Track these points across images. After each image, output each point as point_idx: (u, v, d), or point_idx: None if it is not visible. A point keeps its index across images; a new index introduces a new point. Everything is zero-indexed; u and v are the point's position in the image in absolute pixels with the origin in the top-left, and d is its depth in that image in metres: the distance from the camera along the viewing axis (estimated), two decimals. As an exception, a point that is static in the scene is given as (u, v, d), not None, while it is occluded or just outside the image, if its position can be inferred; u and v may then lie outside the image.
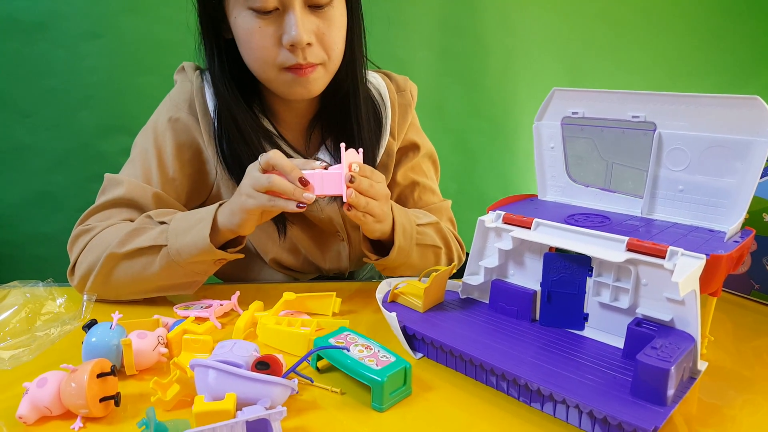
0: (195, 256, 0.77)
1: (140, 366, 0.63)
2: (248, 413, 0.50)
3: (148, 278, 0.79)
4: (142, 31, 1.44)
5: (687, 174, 0.65)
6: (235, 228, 0.77)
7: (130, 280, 0.80)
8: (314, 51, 0.81)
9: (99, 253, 0.79)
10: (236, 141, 0.87)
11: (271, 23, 0.79)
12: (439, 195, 1.09)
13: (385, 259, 0.86)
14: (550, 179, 0.78)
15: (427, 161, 1.09)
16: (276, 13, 0.79)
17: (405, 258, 0.88)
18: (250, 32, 0.79)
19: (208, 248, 0.76)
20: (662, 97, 0.64)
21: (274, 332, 0.70)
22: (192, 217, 0.79)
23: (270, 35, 0.79)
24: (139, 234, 0.79)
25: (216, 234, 0.78)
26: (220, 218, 0.78)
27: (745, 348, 0.74)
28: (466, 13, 1.73)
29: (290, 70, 0.82)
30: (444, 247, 0.97)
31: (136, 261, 0.79)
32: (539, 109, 0.75)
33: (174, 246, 0.77)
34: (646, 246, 0.58)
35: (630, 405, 0.51)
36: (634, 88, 0.67)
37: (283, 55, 0.80)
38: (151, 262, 0.78)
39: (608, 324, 0.64)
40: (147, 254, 0.78)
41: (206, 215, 0.78)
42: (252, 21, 0.79)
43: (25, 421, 0.54)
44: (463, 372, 0.64)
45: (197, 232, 0.77)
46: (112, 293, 0.81)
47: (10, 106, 1.42)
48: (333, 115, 0.94)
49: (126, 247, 0.78)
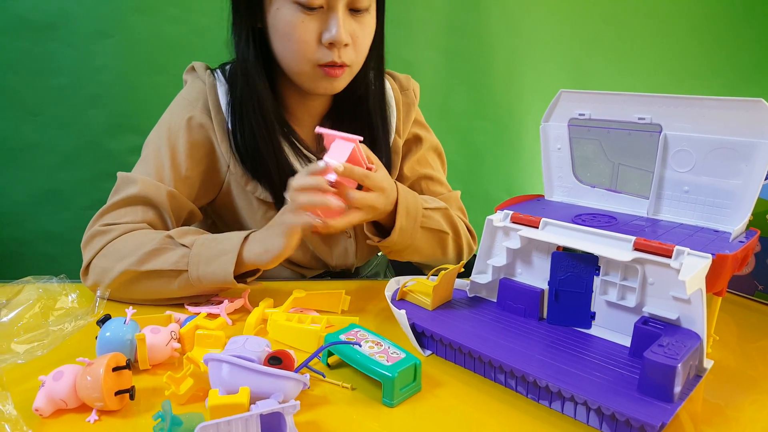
0: (215, 286, 0.79)
1: (153, 361, 0.64)
2: (262, 407, 0.51)
3: (163, 294, 0.81)
4: (151, 30, 1.45)
5: (692, 175, 0.66)
6: (264, 265, 0.79)
7: (144, 294, 0.81)
8: (348, 52, 0.84)
9: (114, 263, 0.79)
10: (258, 128, 0.88)
11: (314, 19, 0.81)
12: (447, 186, 1.10)
13: (387, 240, 0.87)
14: (556, 180, 0.79)
15: (433, 154, 1.11)
16: (320, 10, 0.81)
17: (409, 240, 0.89)
18: (292, 25, 0.81)
19: (230, 282, 0.77)
20: (668, 100, 0.65)
21: (285, 329, 0.71)
22: (216, 245, 0.79)
23: (312, 31, 0.82)
24: (159, 255, 0.79)
25: (239, 267, 0.79)
26: (247, 255, 0.79)
27: (750, 348, 0.75)
28: (471, 14, 1.74)
29: (323, 68, 0.84)
30: (452, 233, 0.97)
31: (154, 281, 0.79)
32: (546, 111, 0.76)
33: (194, 274, 0.78)
34: (653, 245, 0.59)
35: (637, 402, 0.52)
36: (638, 90, 0.68)
37: (320, 51, 0.83)
38: (169, 283, 0.79)
39: (615, 322, 0.65)
40: (166, 276, 0.79)
41: (231, 248, 0.78)
42: (296, 14, 0.81)
43: (41, 414, 0.55)
44: (472, 369, 0.65)
45: (220, 266, 0.77)
46: (125, 299, 0.82)
47: (19, 105, 1.43)
48: (345, 115, 0.97)
49: (145, 266, 0.78)
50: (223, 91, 0.91)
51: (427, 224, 0.91)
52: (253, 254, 0.78)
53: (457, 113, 1.83)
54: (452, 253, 0.99)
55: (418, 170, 1.07)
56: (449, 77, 1.79)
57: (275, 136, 0.90)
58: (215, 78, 0.92)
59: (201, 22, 1.45)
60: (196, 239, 0.80)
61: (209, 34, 0.90)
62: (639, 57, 1.91)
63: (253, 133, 0.88)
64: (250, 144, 0.89)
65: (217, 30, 0.90)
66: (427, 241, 0.93)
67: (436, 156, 1.12)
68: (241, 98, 0.88)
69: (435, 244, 0.95)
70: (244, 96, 0.88)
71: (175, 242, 0.80)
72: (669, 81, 1.95)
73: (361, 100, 0.95)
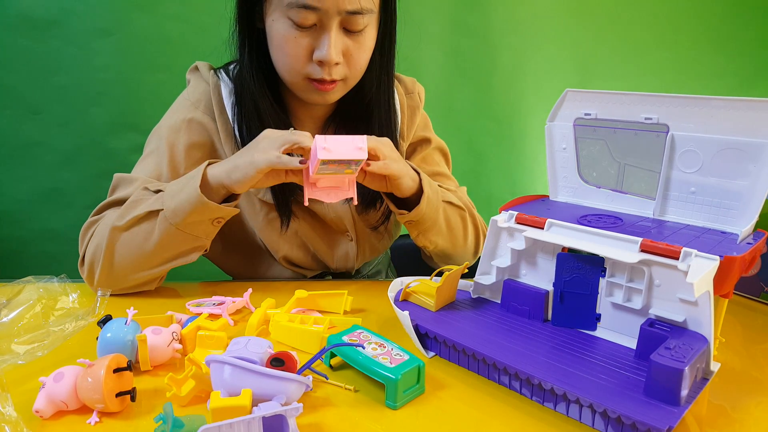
0: (190, 214, 0.78)
1: (155, 362, 0.64)
2: (264, 409, 0.51)
3: (151, 250, 0.81)
4: (153, 28, 1.44)
5: (699, 176, 0.65)
6: (232, 183, 0.78)
7: (133, 254, 0.81)
8: (339, 69, 0.85)
9: (103, 234, 0.81)
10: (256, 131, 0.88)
11: (306, 36, 0.82)
12: (455, 181, 1.11)
13: (416, 210, 0.86)
14: (561, 180, 0.79)
15: (438, 153, 1.11)
16: (313, 27, 0.81)
17: (435, 213, 0.89)
18: (284, 39, 0.82)
19: (200, 200, 0.76)
20: (675, 99, 0.65)
21: (287, 330, 0.70)
22: (183, 178, 0.81)
23: (303, 47, 0.82)
24: (137, 205, 0.81)
25: (208, 190, 0.79)
26: (212, 172, 0.79)
27: (755, 350, 0.74)
28: (475, 13, 1.73)
29: (313, 82, 0.85)
30: (467, 211, 0.99)
31: (137, 231, 0.80)
32: (552, 110, 0.75)
33: (170, 207, 0.78)
34: (660, 247, 0.58)
35: (644, 405, 0.51)
36: (643, 90, 0.67)
37: (311, 67, 0.83)
38: (150, 230, 0.80)
39: (621, 324, 0.65)
40: (146, 221, 0.80)
41: (195, 172, 0.79)
42: (289, 30, 0.81)
43: (42, 415, 0.54)
44: (476, 371, 0.65)
45: (189, 188, 0.78)
46: (119, 275, 0.82)
47: (20, 103, 1.43)
48: (348, 119, 0.97)
49: (125, 218, 0.80)
50: (227, 91, 0.91)
51: (447, 198, 0.93)
52: (221, 170, 0.79)
53: (461, 113, 1.83)
54: (471, 233, 1.00)
55: (425, 168, 1.07)
56: (453, 77, 1.78)
57: None
58: (219, 78, 0.92)
59: (203, 21, 1.45)
60: (168, 183, 0.82)
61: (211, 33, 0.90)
62: (643, 57, 1.90)
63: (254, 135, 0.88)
64: None
65: (218, 28, 0.90)
66: (450, 216, 0.94)
67: (442, 156, 1.12)
68: (242, 99, 0.89)
69: (458, 219, 0.96)
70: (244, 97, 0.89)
71: (150, 191, 0.83)
72: (673, 80, 1.94)
73: (368, 107, 0.95)
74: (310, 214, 0.97)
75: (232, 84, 0.91)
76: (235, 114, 0.90)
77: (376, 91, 0.94)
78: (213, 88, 0.91)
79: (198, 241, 0.82)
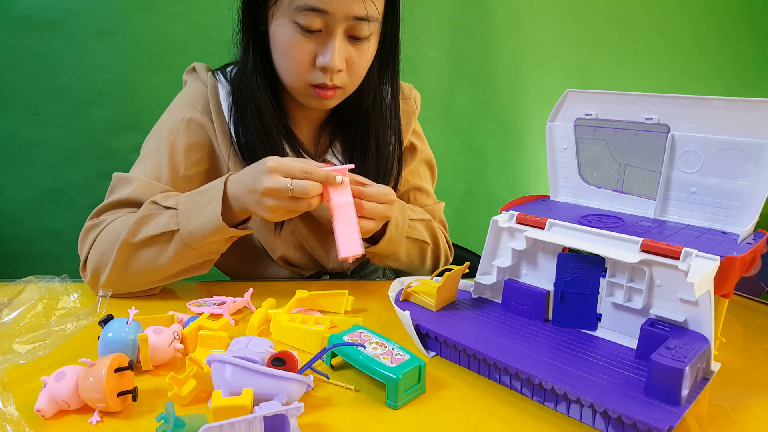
0: (208, 237, 0.78)
1: (156, 361, 0.64)
2: (266, 409, 0.51)
3: (162, 265, 0.80)
4: (154, 29, 1.44)
5: (700, 176, 0.65)
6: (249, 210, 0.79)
7: (144, 269, 0.81)
8: (341, 76, 0.85)
9: (111, 245, 0.80)
10: (257, 132, 0.89)
11: (311, 41, 0.82)
12: (433, 197, 1.13)
13: (375, 247, 0.89)
14: (562, 180, 0.79)
15: (424, 166, 1.13)
16: (318, 33, 0.81)
17: (394, 248, 0.91)
18: (289, 44, 0.82)
19: (221, 227, 0.77)
20: (676, 100, 0.65)
21: (288, 329, 0.71)
22: (200, 198, 0.80)
23: (307, 52, 0.82)
24: (148, 221, 0.80)
25: (228, 212, 0.79)
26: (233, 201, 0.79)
27: (756, 350, 0.74)
28: (475, 13, 1.73)
29: (314, 88, 0.85)
30: (432, 244, 1.01)
31: (150, 249, 0.80)
32: (552, 110, 0.75)
33: (187, 229, 0.78)
34: (661, 247, 0.58)
35: (644, 405, 0.51)
36: (643, 90, 0.67)
37: (313, 73, 0.84)
38: (164, 249, 0.80)
39: (621, 324, 0.65)
40: (160, 241, 0.79)
41: (214, 195, 0.78)
42: (294, 34, 0.81)
43: (43, 415, 0.55)
44: (477, 371, 0.65)
45: (208, 213, 0.77)
46: (127, 285, 0.82)
47: (21, 103, 1.43)
48: (345, 123, 0.98)
49: (138, 236, 0.79)
50: (224, 93, 0.91)
51: (411, 234, 0.95)
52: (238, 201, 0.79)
53: (461, 113, 1.83)
54: (429, 262, 1.03)
55: (410, 181, 1.08)
56: (453, 77, 1.78)
57: (274, 141, 0.90)
58: (216, 80, 0.92)
59: (204, 21, 1.45)
60: (179, 199, 0.81)
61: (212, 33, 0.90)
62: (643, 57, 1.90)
63: (252, 137, 0.89)
64: (250, 147, 0.90)
65: (220, 29, 0.90)
66: (409, 249, 0.96)
67: (428, 168, 1.14)
68: (241, 102, 0.89)
69: (416, 253, 0.98)
70: (246, 99, 0.89)
71: (161, 206, 0.81)
72: (673, 81, 1.94)
73: (366, 112, 0.95)
74: (306, 216, 0.98)
75: (229, 86, 0.92)
76: (232, 116, 0.90)
77: (374, 99, 0.95)
78: (211, 89, 0.91)
79: (209, 256, 0.83)
